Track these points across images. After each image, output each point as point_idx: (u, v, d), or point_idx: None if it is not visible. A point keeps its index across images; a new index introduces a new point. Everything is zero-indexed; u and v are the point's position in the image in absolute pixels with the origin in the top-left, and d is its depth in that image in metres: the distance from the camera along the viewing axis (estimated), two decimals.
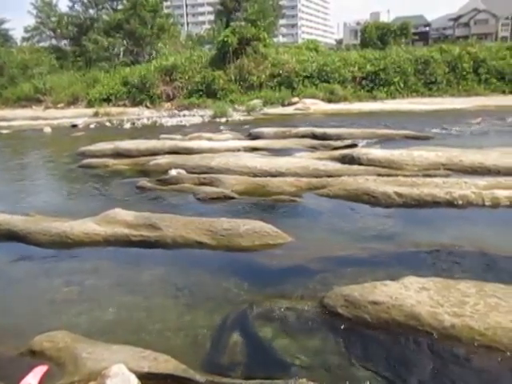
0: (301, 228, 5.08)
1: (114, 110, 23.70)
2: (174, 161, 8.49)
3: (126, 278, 4.17)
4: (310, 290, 3.67)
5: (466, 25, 54.29)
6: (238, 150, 9.62)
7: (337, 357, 2.90)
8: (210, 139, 11.59)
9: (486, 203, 5.46)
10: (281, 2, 41.09)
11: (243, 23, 25.35)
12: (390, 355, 2.87)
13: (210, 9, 59.10)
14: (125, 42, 32.70)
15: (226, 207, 6.05)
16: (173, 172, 7.79)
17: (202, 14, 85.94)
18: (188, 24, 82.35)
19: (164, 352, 2.88)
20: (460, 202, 5.52)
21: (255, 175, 7.26)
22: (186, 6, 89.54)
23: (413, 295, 3.19)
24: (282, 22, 53.82)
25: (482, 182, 6.04)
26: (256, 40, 24.46)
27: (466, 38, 39.27)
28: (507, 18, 52.15)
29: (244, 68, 23.79)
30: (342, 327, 3.17)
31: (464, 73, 23.14)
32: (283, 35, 72.34)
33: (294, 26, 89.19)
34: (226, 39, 23.94)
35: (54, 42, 38.90)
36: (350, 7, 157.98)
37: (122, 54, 33.09)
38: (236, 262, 4.49)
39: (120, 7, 35.65)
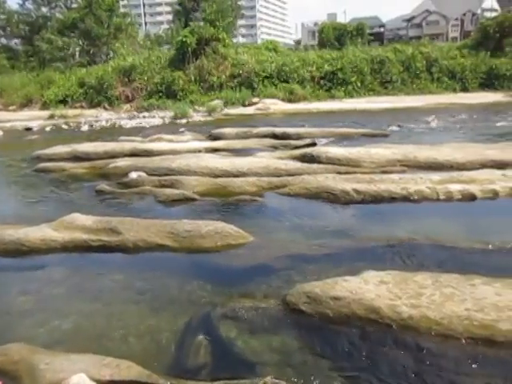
0: (263, 227, 5.12)
1: (70, 112, 22.95)
2: (134, 163, 8.34)
3: (85, 284, 4.07)
4: (273, 289, 3.71)
5: (419, 26, 56.23)
6: (199, 151, 9.57)
7: (301, 353, 2.95)
8: (170, 141, 11.47)
9: (440, 197, 5.68)
10: (239, 3, 41.10)
11: (202, 23, 25.18)
12: (352, 349, 2.93)
13: (169, 8, 58.30)
14: (80, 41, 31.76)
15: (187, 209, 6.01)
16: (133, 175, 7.64)
17: (160, 13, 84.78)
18: (146, 24, 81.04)
19: (127, 358, 2.83)
20: (415, 197, 5.72)
21: (216, 176, 7.24)
22: (144, 5, 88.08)
23: (372, 289, 3.28)
24: (240, 22, 53.89)
25: (436, 177, 6.28)
26: (215, 40, 24.34)
27: (418, 38, 40.71)
28: (456, 19, 54.39)
29: (204, 68, 23.62)
30: (305, 324, 3.22)
31: (417, 72, 23.94)
32: (242, 36, 72.41)
33: (252, 26, 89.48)
34: (184, 39, 23.69)
35: (3, 40, 37.35)
36: (307, 8, 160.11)
37: (77, 54, 32.11)
38: (199, 263, 4.47)
39: (74, 6, 34.63)
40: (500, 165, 6.89)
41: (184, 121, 18.25)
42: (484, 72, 23.50)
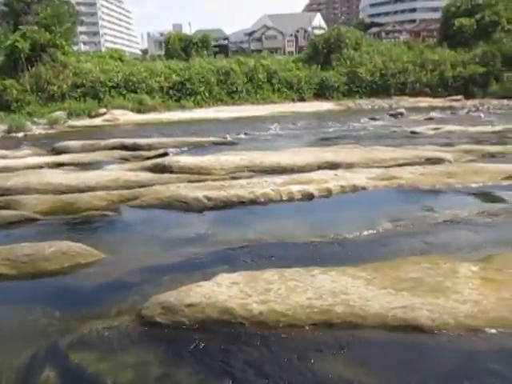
0: (115, 242, 4.94)
1: None
2: None
3: None
4: (128, 304, 3.60)
5: (259, 39, 60.08)
6: (41, 167, 8.80)
7: (157, 366, 2.91)
8: (4, 157, 10.31)
9: (284, 198, 6.18)
10: (78, 8, 38.68)
11: (35, 27, 23.10)
12: (208, 353, 3.00)
13: None
14: None
15: (28, 231, 5.45)
16: None
17: None
18: None
19: None
20: (262, 200, 6.13)
21: (62, 192, 6.74)
22: None
23: (224, 291, 3.42)
24: (82, 29, 50.90)
25: (279, 179, 6.83)
26: (53, 46, 22.59)
27: (259, 51, 43.47)
28: (291, 35, 59.54)
29: (41, 77, 21.71)
30: (162, 335, 3.19)
31: (260, 83, 25.69)
32: (85, 43, 68.37)
33: (95, 34, 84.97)
34: (15, 44, 21.46)
35: None
36: (152, 18, 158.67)
37: None
38: (44, 288, 4.10)
39: None
40: (333, 166, 7.78)
41: (21, 134, 16.50)
42: (317, 83, 26.24)
